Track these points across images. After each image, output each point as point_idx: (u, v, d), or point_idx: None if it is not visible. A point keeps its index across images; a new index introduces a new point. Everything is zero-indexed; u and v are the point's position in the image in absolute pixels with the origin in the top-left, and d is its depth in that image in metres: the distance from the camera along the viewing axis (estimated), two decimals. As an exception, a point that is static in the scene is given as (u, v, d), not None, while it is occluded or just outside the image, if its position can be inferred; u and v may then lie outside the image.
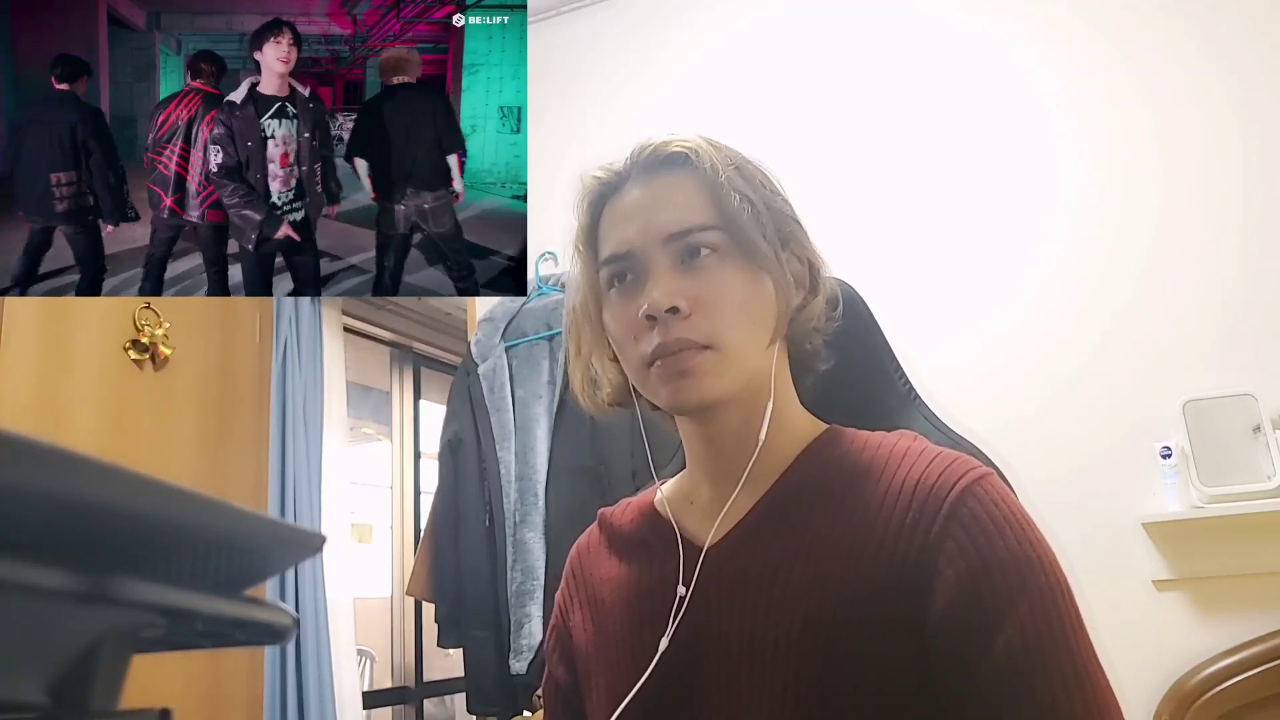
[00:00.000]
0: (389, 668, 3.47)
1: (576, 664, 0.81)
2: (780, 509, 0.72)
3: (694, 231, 0.71)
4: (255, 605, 0.30)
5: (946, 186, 2.23)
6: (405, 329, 3.61)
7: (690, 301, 0.69)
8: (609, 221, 0.76)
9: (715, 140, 0.77)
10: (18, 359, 1.86)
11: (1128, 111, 2.11)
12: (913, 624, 0.63)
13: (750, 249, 0.71)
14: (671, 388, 0.70)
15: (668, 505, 0.80)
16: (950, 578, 0.62)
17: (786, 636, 0.65)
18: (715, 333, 0.69)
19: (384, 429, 3.83)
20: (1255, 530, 1.82)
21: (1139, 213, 2.06)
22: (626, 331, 0.73)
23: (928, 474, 0.67)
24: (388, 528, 3.66)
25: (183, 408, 2.22)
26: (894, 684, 0.62)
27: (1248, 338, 1.93)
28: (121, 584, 0.23)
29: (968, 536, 0.63)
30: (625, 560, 0.81)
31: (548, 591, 2.09)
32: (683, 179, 0.74)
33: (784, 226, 0.75)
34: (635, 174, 0.76)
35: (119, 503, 0.22)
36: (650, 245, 0.72)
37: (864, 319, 0.89)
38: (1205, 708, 1.76)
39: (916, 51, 2.33)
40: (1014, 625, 0.60)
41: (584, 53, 2.71)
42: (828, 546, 0.68)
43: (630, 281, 0.73)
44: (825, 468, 0.72)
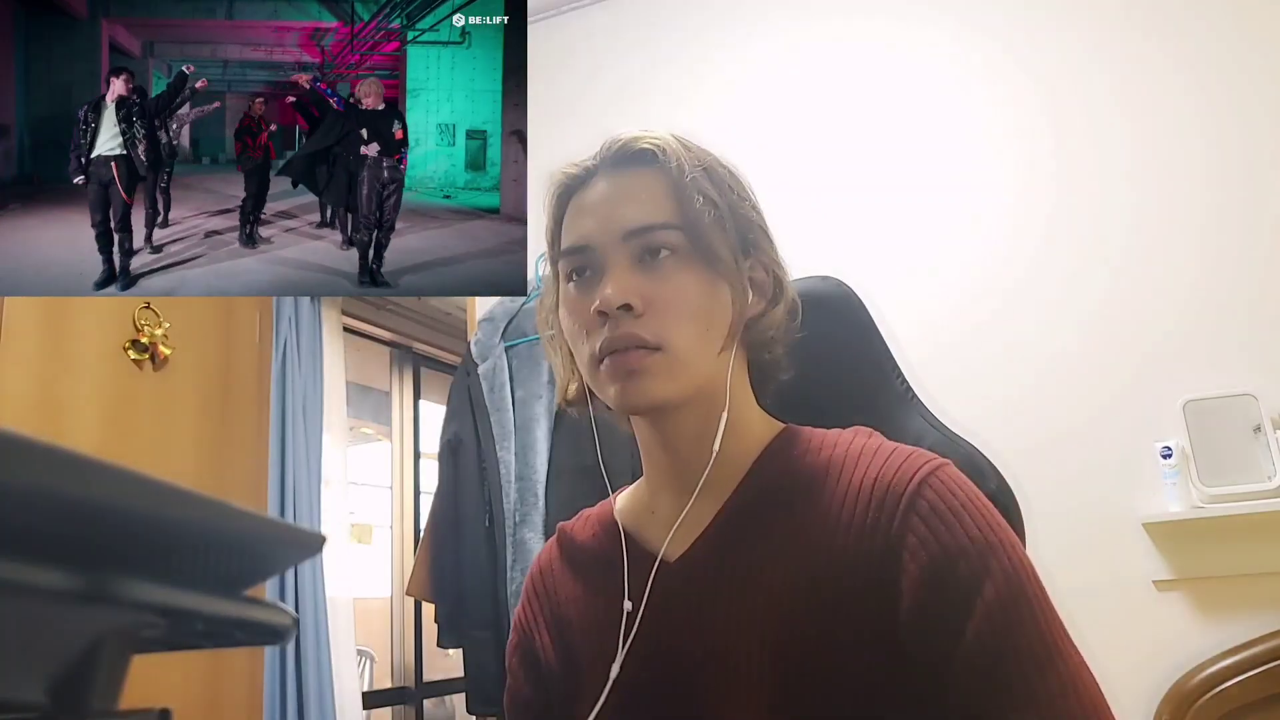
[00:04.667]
0: (389, 668, 3.47)
1: (547, 685, 0.79)
2: (741, 519, 0.71)
3: (654, 229, 0.70)
4: (255, 605, 0.30)
5: (945, 187, 2.23)
6: (405, 329, 3.61)
7: (644, 300, 0.69)
8: (571, 215, 0.75)
9: (687, 140, 0.76)
10: (18, 359, 1.86)
11: (1136, 109, 2.11)
12: (884, 625, 0.63)
13: (709, 253, 0.71)
14: (619, 387, 0.69)
15: (627, 516, 0.79)
16: (914, 572, 0.62)
17: (758, 650, 0.65)
18: (666, 335, 0.68)
19: (384, 429, 3.83)
20: (1255, 530, 1.82)
21: (1140, 213, 2.06)
22: (579, 327, 0.72)
23: (884, 472, 0.67)
24: (387, 528, 3.66)
25: (183, 408, 2.22)
26: (868, 687, 0.62)
27: (1248, 338, 1.93)
28: (121, 584, 0.23)
29: (927, 528, 0.63)
30: (588, 579, 0.79)
31: (548, 591, 2.09)
32: (648, 176, 0.73)
33: (748, 233, 0.74)
34: (602, 169, 0.75)
35: (119, 503, 0.22)
36: (609, 240, 0.71)
37: (860, 318, 0.89)
38: (1205, 708, 1.76)
39: (906, 52, 2.33)
40: (982, 611, 0.60)
41: (583, 52, 2.71)
42: (792, 554, 0.67)
43: (588, 276, 0.72)
44: (783, 472, 0.72)
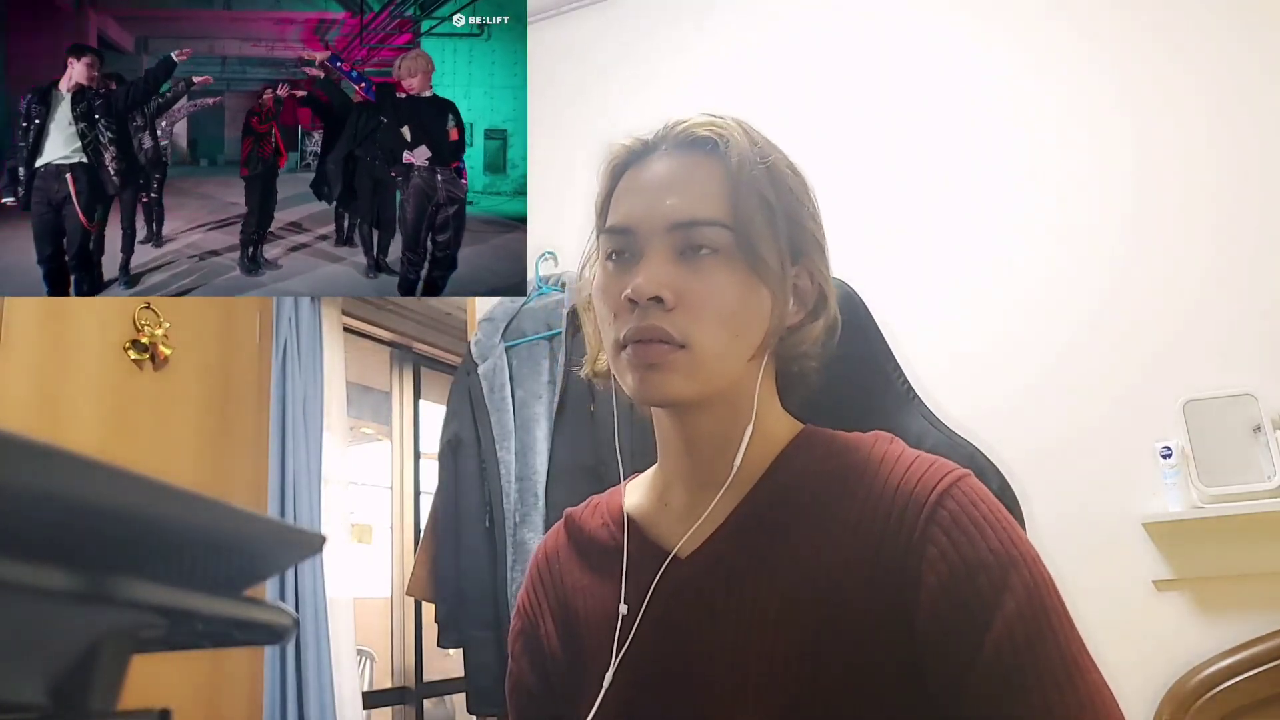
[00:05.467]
0: (389, 668, 3.47)
1: (550, 674, 0.78)
2: (756, 520, 0.70)
3: (700, 225, 0.68)
4: (255, 605, 0.30)
5: (946, 187, 2.23)
6: (405, 329, 3.61)
7: (677, 295, 0.67)
8: (622, 190, 0.73)
9: (755, 130, 0.73)
10: (18, 359, 1.86)
11: (1138, 107, 2.11)
12: (899, 636, 0.62)
13: (754, 257, 0.68)
14: (638, 377, 0.67)
15: (638, 508, 0.78)
16: (934, 584, 0.61)
17: (768, 654, 0.64)
18: (694, 333, 0.66)
19: (384, 429, 3.83)
20: (1255, 530, 1.82)
21: (1141, 213, 2.06)
22: (609, 309, 0.70)
23: (905, 481, 0.66)
24: (387, 528, 3.66)
25: (183, 408, 2.22)
26: (881, 698, 0.62)
27: (1248, 338, 1.93)
28: (121, 584, 0.23)
29: (948, 540, 0.62)
30: (597, 570, 0.77)
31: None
32: (705, 165, 0.70)
33: (800, 240, 0.72)
34: (662, 148, 0.72)
35: (119, 503, 0.22)
36: (652, 229, 0.69)
37: (862, 318, 0.88)
38: (1205, 708, 1.76)
39: (907, 52, 2.33)
40: (1001, 626, 0.59)
41: (584, 52, 2.71)
42: (807, 560, 0.66)
43: (626, 259, 0.70)
44: (802, 475, 0.71)
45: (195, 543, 0.27)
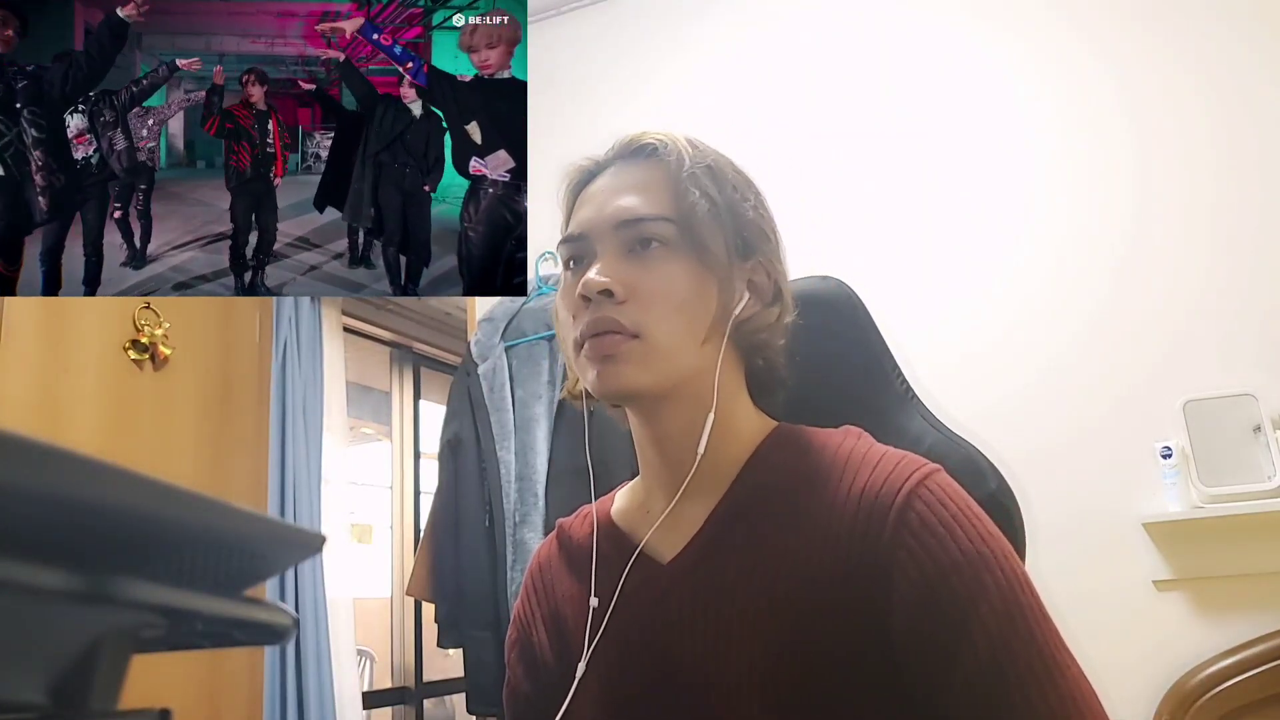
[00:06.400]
0: (389, 668, 3.47)
1: (543, 682, 0.79)
2: (731, 523, 0.71)
3: (645, 220, 0.71)
4: (255, 605, 0.30)
5: (946, 187, 2.23)
6: (405, 329, 3.60)
7: (626, 288, 0.69)
8: (577, 206, 0.77)
9: (699, 141, 0.77)
10: (18, 359, 1.86)
11: (1139, 108, 2.11)
12: (877, 635, 0.62)
13: (699, 246, 0.71)
14: (596, 371, 0.70)
15: (623, 515, 0.79)
16: (906, 589, 0.62)
17: (747, 658, 0.65)
18: (645, 323, 0.69)
19: (384, 429, 3.83)
20: (1255, 530, 1.82)
21: (1142, 213, 2.06)
22: (569, 312, 0.73)
23: (873, 480, 0.66)
24: (387, 528, 3.66)
25: (183, 408, 2.22)
26: (859, 700, 0.62)
27: (1248, 338, 1.93)
28: (121, 584, 0.23)
29: (918, 543, 0.62)
30: (583, 577, 0.78)
31: (548, 591, 2.09)
32: (648, 168, 0.74)
33: (748, 234, 0.75)
34: (611, 163, 0.77)
35: (119, 503, 0.22)
36: (602, 229, 0.72)
37: (860, 318, 0.88)
38: (1205, 708, 1.76)
39: (907, 52, 2.33)
40: (978, 628, 0.60)
41: (584, 52, 2.71)
42: (782, 563, 0.67)
43: (582, 264, 0.74)
44: (774, 474, 0.72)
45: (195, 543, 0.27)
